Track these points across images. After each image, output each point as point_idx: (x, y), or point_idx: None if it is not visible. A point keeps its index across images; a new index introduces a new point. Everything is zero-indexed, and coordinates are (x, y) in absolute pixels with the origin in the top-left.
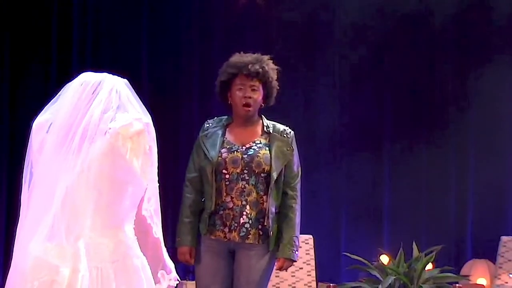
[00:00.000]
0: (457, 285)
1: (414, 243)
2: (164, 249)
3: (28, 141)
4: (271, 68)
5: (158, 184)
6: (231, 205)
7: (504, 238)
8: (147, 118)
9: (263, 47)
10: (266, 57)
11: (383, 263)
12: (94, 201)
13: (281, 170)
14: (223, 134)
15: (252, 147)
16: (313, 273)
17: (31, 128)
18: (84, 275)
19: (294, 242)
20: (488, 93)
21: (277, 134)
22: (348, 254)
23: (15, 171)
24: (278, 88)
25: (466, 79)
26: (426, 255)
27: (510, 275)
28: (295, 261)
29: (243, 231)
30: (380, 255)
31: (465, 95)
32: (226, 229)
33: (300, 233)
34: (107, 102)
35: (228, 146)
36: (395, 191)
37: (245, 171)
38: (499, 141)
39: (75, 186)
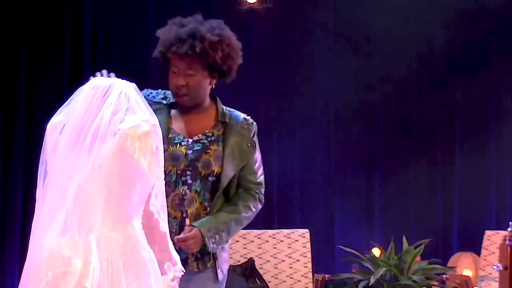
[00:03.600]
0: (444, 276)
1: (404, 237)
2: (170, 243)
3: (42, 141)
4: (211, 41)
5: (164, 182)
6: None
7: (488, 232)
8: (154, 120)
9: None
10: (206, 26)
11: (375, 256)
12: (104, 198)
13: (235, 174)
14: (168, 117)
15: (201, 141)
16: (309, 265)
17: (46, 129)
18: (95, 267)
19: (221, 231)
20: (473, 104)
21: (235, 125)
22: (342, 247)
23: (31, 169)
24: (237, 59)
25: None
26: (415, 248)
27: (494, 267)
28: (206, 251)
29: (183, 255)
30: (372, 248)
31: (452, 104)
32: None
33: (297, 227)
34: (117, 105)
35: (170, 136)
36: (386, 189)
37: (188, 173)
38: (483, 144)
39: (87, 184)
